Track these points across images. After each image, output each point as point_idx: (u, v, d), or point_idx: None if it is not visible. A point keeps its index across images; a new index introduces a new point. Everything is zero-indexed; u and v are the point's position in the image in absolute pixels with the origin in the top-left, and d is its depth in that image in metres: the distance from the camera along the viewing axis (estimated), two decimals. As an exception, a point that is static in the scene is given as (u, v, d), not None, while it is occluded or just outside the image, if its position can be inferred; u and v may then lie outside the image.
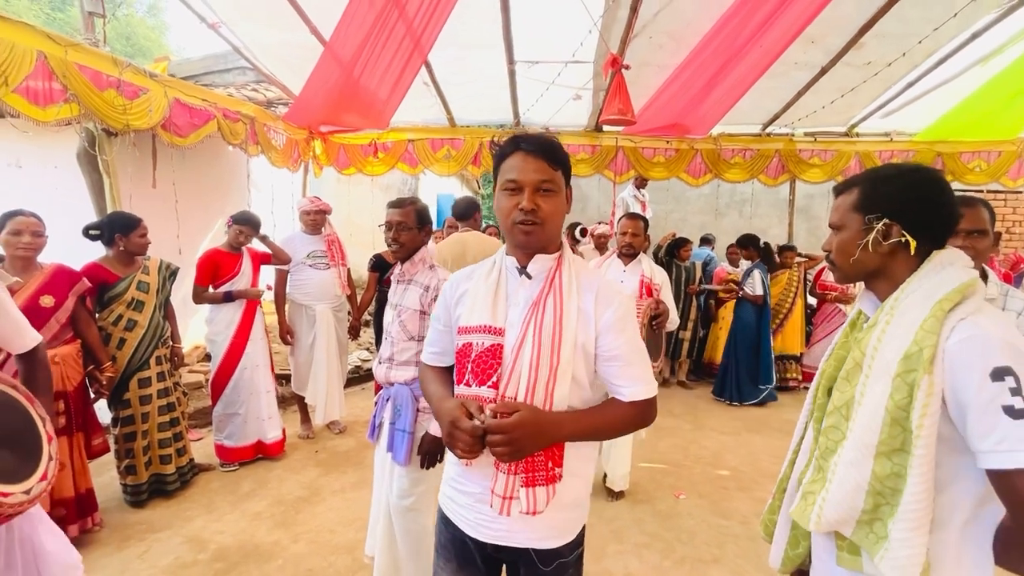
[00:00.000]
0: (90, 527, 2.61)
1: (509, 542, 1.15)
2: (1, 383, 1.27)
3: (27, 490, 1.19)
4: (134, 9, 15.63)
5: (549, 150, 1.13)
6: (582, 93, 4.77)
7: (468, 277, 1.27)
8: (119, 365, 2.79)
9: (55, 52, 2.69)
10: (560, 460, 1.12)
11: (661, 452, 3.80)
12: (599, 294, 1.15)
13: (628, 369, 1.14)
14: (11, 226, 2.36)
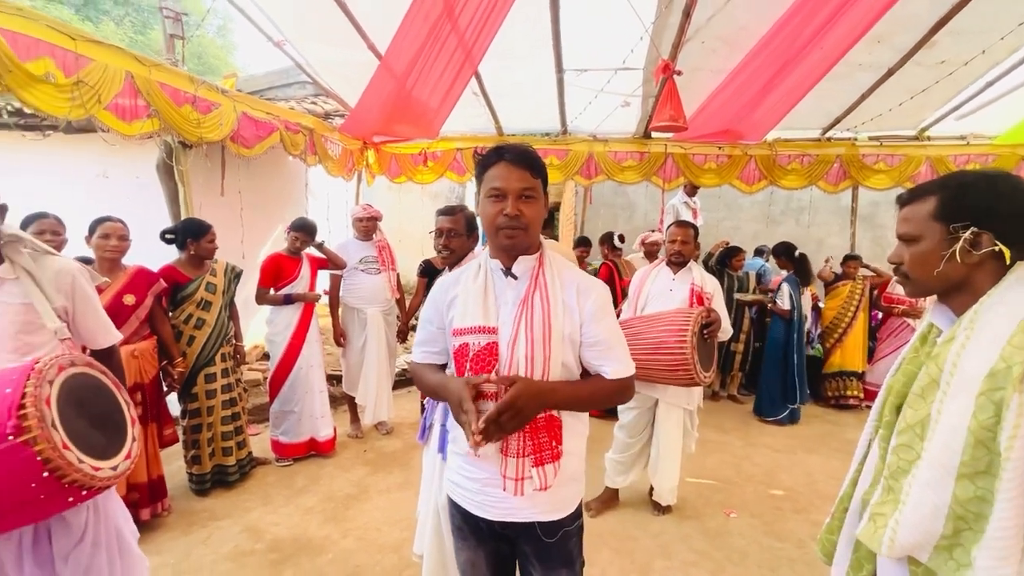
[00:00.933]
0: (160, 512, 2.80)
1: (516, 518, 1.28)
2: (95, 369, 1.40)
3: (114, 467, 1.30)
4: (205, 30, 16.79)
5: (530, 160, 1.24)
6: (631, 100, 4.73)
7: (456, 282, 1.36)
8: (188, 361, 2.99)
9: (141, 72, 2.93)
10: (560, 438, 1.25)
11: (710, 468, 3.67)
12: (579, 288, 1.27)
13: (610, 352, 1.27)
14: (100, 231, 2.59)
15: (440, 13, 3.44)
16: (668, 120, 3.45)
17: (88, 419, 1.30)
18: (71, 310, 1.56)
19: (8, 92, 2.30)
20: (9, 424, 1.11)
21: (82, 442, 1.23)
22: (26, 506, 1.19)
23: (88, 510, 1.51)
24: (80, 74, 2.57)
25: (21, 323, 1.44)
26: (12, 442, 1.11)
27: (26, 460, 1.12)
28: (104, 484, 1.26)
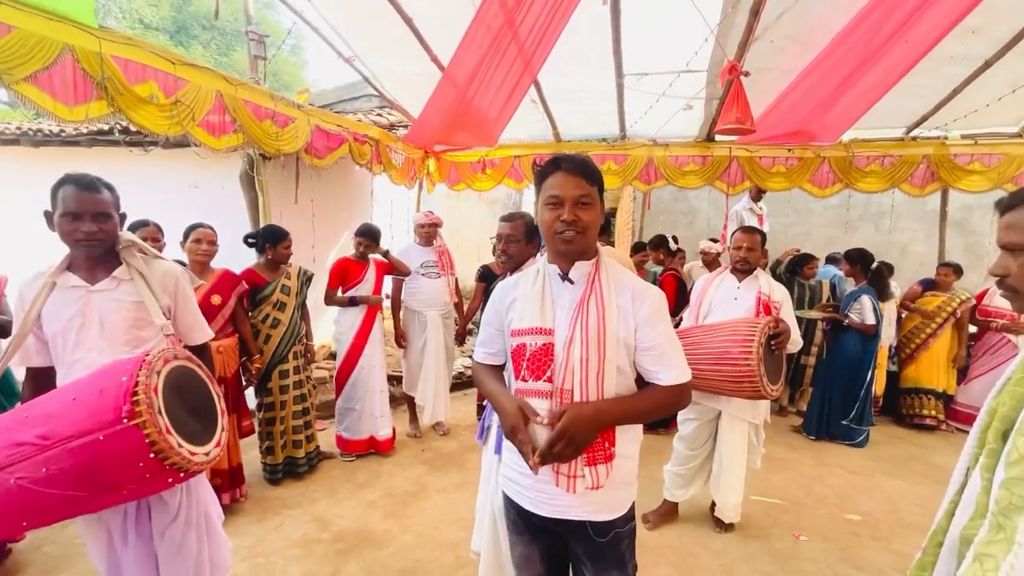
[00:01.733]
0: (238, 497, 3.01)
1: (568, 515, 1.31)
2: (192, 363, 1.54)
3: (207, 452, 1.42)
4: (281, 49, 18.01)
5: (586, 168, 1.28)
6: (694, 103, 4.61)
7: (515, 285, 1.42)
8: (265, 357, 3.20)
9: (228, 91, 3.19)
10: (613, 440, 1.28)
11: (777, 486, 3.48)
12: (634, 293, 1.30)
13: (664, 358, 1.28)
14: (193, 236, 2.84)
15: (501, 24, 3.52)
16: (734, 123, 3.33)
17: (186, 408, 1.43)
18: (174, 308, 1.72)
19: (119, 112, 2.58)
20: (124, 408, 1.25)
21: (181, 428, 1.36)
22: (134, 483, 1.33)
23: (182, 492, 1.66)
24: (178, 94, 2.84)
25: (133, 319, 1.62)
26: (126, 424, 1.25)
27: (136, 441, 1.26)
28: (198, 468, 1.39)
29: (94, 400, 1.29)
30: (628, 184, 5.51)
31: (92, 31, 2.42)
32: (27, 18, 2.20)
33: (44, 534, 2.69)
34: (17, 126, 4.97)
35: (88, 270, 1.62)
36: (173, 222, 3.12)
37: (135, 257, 1.67)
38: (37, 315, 1.56)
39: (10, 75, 2.16)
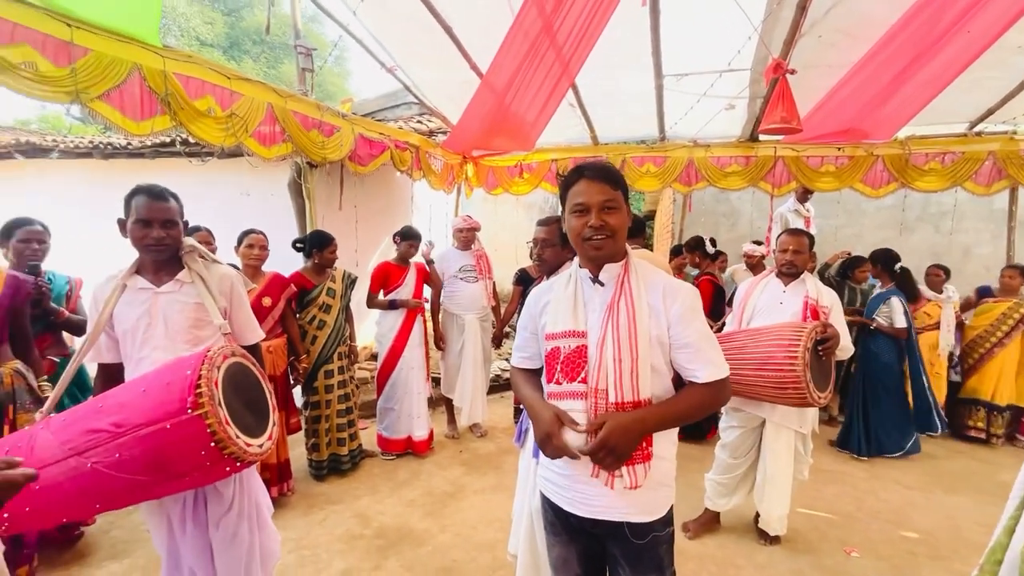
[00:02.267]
0: (286, 491, 3.14)
1: (606, 516, 1.31)
2: (248, 360, 1.63)
3: (260, 445, 1.51)
4: (325, 62, 18.74)
5: (608, 174, 1.31)
6: (736, 102, 4.50)
7: (548, 290, 1.45)
8: (311, 357, 3.33)
9: (278, 103, 3.35)
10: (651, 440, 1.27)
11: (827, 499, 3.33)
12: (665, 291, 1.30)
13: (699, 354, 1.28)
14: (246, 241, 3.00)
15: (539, 29, 3.54)
16: (779, 122, 3.23)
17: (242, 401, 1.52)
18: (229, 310, 1.83)
19: (180, 126, 2.75)
20: (189, 400, 1.35)
21: (238, 420, 1.44)
22: (195, 471, 1.42)
23: (235, 484, 1.75)
24: (233, 107, 3.01)
25: (194, 319, 1.73)
26: (190, 415, 1.34)
27: (199, 431, 1.35)
28: (252, 458, 1.47)
29: (162, 392, 1.39)
30: (667, 186, 5.42)
31: (157, 50, 2.60)
32: (101, 41, 2.38)
33: (112, 519, 2.88)
34: (90, 140, 5.36)
35: (154, 273, 1.74)
36: (227, 228, 3.30)
37: (196, 261, 1.79)
38: (109, 315, 1.69)
39: (86, 94, 2.34)
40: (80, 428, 1.40)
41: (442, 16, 3.72)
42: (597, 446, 1.18)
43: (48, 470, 1.36)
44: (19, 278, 2.17)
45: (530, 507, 2.03)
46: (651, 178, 5.28)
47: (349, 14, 3.77)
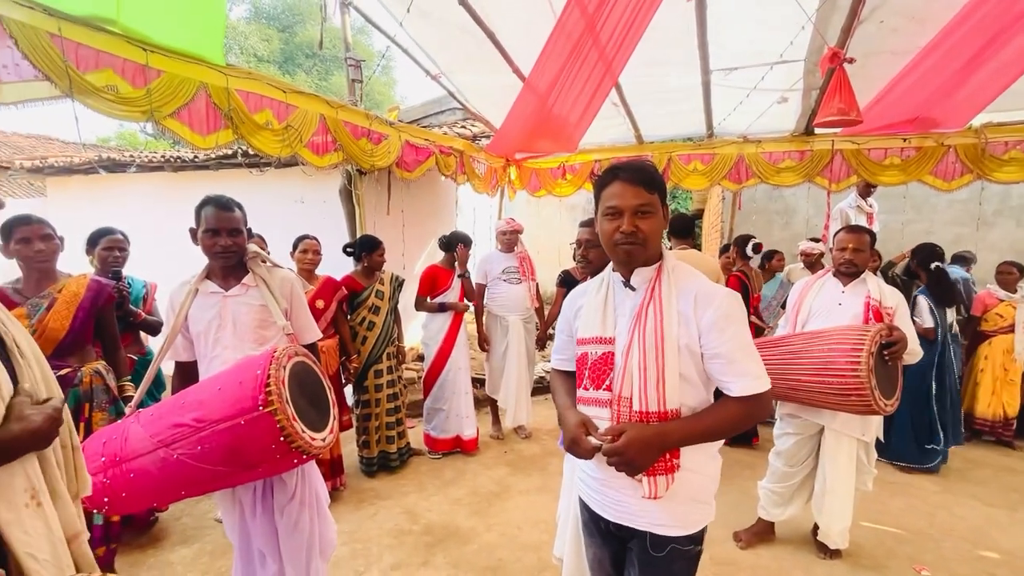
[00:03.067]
0: (339, 486, 3.27)
1: (630, 523, 1.29)
2: (309, 359, 1.73)
3: (323, 438, 1.59)
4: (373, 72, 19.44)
5: (646, 176, 1.24)
6: (789, 95, 4.31)
7: (583, 293, 1.43)
8: (362, 357, 3.45)
9: (330, 113, 3.49)
10: (677, 452, 1.22)
11: (894, 513, 3.13)
12: (698, 297, 1.23)
13: (733, 366, 1.19)
14: (301, 246, 3.15)
15: (582, 30, 3.53)
16: (837, 114, 3.07)
17: (305, 398, 1.61)
18: (290, 311, 1.93)
19: (241, 139, 2.92)
20: (259, 397, 1.44)
21: (303, 416, 1.53)
22: (266, 462, 1.52)
23: (298, 475, 1.86)
24: (288, 119, 3.16)
25: (259, 320, 1.85)
26: (261, 412, 1.44)
27: (269, 426, 1.44)
28: (317, 451, 1.56)
29: (235, 390, 1.49)
30: (716, 184, 5.26)
31: (221, 69, 2.77)
32: (172, 63, 2.57)
33: (182, 508, 3.09)
34: (161, 154, 5.78)
35: (223, 278, 1.87)
36: (283, 234, 3.48)
37: (259, 266, 1.91)
38: (184, 317, 1.83)
39: (159, 112, 2.53)
40: (166, 422, 1.53)
41: (485, 22, 3.78)
42: (610, 452, 1.16)
43: (140, 459, 1.49)
44: (101, 282, 2.36)
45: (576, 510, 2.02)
46: (698, 176, 5.13)
47: (395, 24, 3.88)
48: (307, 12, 18.98)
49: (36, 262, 2.17)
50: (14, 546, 0.88)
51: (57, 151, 8.52)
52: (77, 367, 2.24)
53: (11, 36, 2.05)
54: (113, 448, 1.53)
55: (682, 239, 3.28)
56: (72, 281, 2.26)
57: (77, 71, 2.23)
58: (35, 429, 0.92)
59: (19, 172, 6.55)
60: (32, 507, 0.93)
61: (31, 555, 0.89)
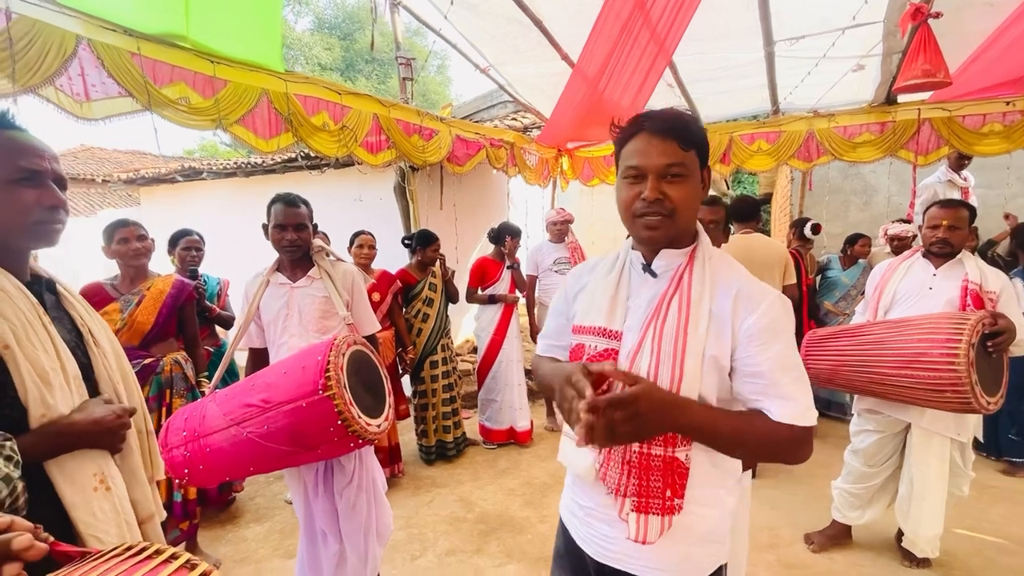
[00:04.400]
0: (396, 473, 3.38)
1: (621, 566, 1.02)
2: (367, 348, 1.80)
3: (378, 424, 1.65)
4: (428, 71, 19.79)
5: (680, 128, 0.95)
6: (866, 61, 3.94)
7: (591, 269, 1.15)
8: (417, 349, 3.54)
9: (383, 112, 3.59)
10: (681, 490, 0.96)
11: (995, 521, 2.80)
12: (740, 295, 0.95)
13: (774, 388, 0.92)
14: (357, 241, 3.28)
15: (632, 9, 3.40)
16: (921, 76, 2.76)
17: (362, 385, 1.68)
18: (351, 303, 2.02)
19: (300, 141, 3.07)
20: (319, 382, 1.52)
21: (359, 402, 1.60)
22: (325, 444, 1.59)
23: (356, 460, 1.94)
24: (344, 120, 3.28)
25: (322, 311, 1.96)
26: (320, 395, 1.51)
27: (328, 410, 1.51)
28: (372, 436, 1.62)
29: (299, 375, 1.58)
30: (782, 164, 4.92)
31: (280, 75, 2.92)
32: (237, 72, 2.73)
33: (256, 489, 3.32)
34: (234, 161, 6.21)
35: (291, 270, 2.00)
36: (342, 231, 3.62)
37: (324, 260, 2.03)
38: (257, 307, 1.98)
39: (226, 119, 2.70)
40: (238, 403, 1.64)
41: (531, 9, 3.73)
42: (620, 399, 0.83)
43: (215, 436, 1.61)
44: (184, 282, 2.58)
45: None
46: (763, 156, 4.82)
47: (443, 20, 3.92)
48: (365, 19, 19.65)
49: (132, 260, 2.42)
50: (80, 528, 0.93)
51: (149, 164, 9.38)
52: (160, 357, 2.46)
53: (98, 57, 2.26)
54: (193, 424, 1.67)
55: (745, 223, 3.10)
56: (159, 280, 2.49)
57: (154, 85, 2.43)
58: (95, 417, 0.99)
59: (117, 184, 7.27)
60: (101, 491, 1.00)
61: (97, 537, 0.95)
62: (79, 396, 1.01)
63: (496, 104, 6.91)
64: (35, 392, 0.93)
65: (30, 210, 0.97)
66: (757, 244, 3.03)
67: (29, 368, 0.93)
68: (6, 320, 0.93)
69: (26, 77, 2.06)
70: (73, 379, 1.00)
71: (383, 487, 2.11)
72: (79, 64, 2.22)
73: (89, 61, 2.24)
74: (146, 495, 1.14)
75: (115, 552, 0.79)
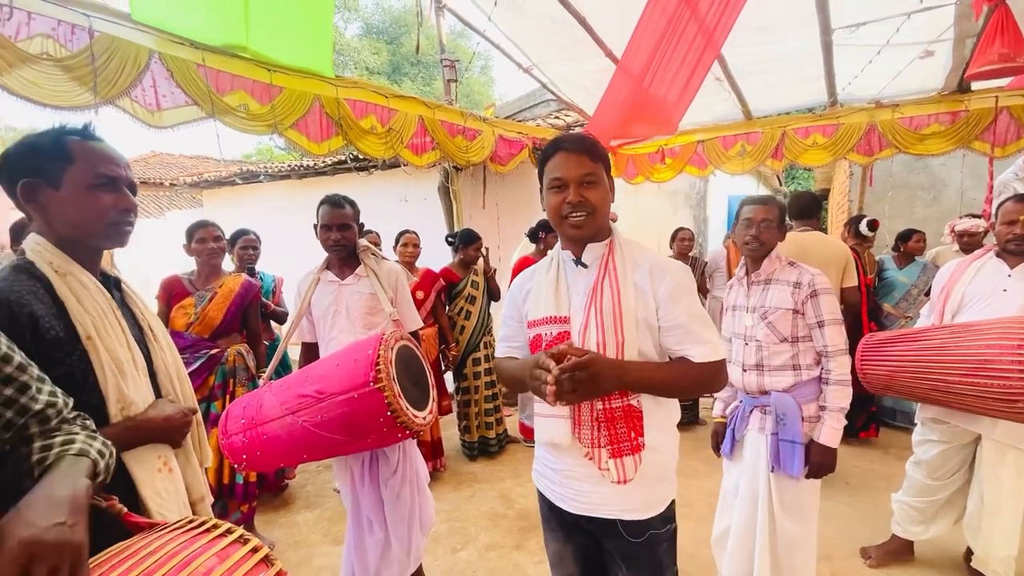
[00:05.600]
0: (439, 467, 3.45)
1: (597, 513, 1.25)
2: (412, 344, 1.85)
3: (423, 417, 1.71)
4: (472, 72, 20.02)
5: (588, 146, 1.23)
6: (935, 47, 3.69)
7: (531, 276, 1.39)
8: (460, 346, 3.60)
9: (427, 114, 3.67)
10: (641, 429, 1.21)
11: (1080, 544, 2.56)
12: (652, 269, 1.22)
13: (692, 335, 1.19)
14: (402, 240, 3.37)
15: (679, 2, 3.32)
16: (998, 61, 2.55)
17: (409, 379, 1.73)
18: (395, 300, 2.09)
19: (350, 144, 3.18)
20: (370, 375, 1.58)
21: (407, 394, 1.65)
22: (374, 434, 1.66)
23: (400, 451, 2.01)
24: (391, 123, 3.38)
25: (368, 307, 2.04)
26: (371, 388, 1.57)
27: (378, 402, 1.57)
28: (419, 428, 1.67)
29: (350, 367, 1.65)
30: (841, 158, 4.67)
31: (331, 81, 3.04)
32: (291, 79, 2.87)
33: (307, 477, 3.47)
34: (288, 164, 6.50)
35: (339, 268, 2.09)
36: (389, 230, 3.73)
37: (369, 258, 2.10)
38: (308, 303, 2.08)
39: (282, 124, 2.85)
40: (293, 392, 1.73)
41: (574, 6, 3.71)
42: (579, 364, 1.06)
43: (271, 424, 1.71)
44: (251, 282, 2.75)
45: (760, 518, 1.91)
46: (819, 151, 4.59)
47: (486, 20, 3.96)
48: (411, 23, 20.09)
49: (208, 259, 2.61)
50: (147, 504, 1.03)
51: (211, 168, 9.97)
52: (224, 348, 2.63)
53: (168, 69, 2.43)
54: (251, 413, 1.76)
55: (804, 220, 2.97)
56: (229, 279, 2.68)
57: (217, 94, 2.59)
58: (167, 415, 1.10)
59: (183, 187, 7.77)
60: (164, 472, 1.10)
61: (161, 513, 1.04)
62: (145, 386, 1.10)
63: (539, 103, 6.91)
64: (113, 380, 1.02)
65: (106, 213, 1.06)
66: (813, 242, 2.90)
67: (108, 358, 1.02)
68: (88, 314, 1.02)
69: (106, 90, 2.24)
70: (141, 370, 1.10)
71: (426, 479, 2.17)
72: (151, 76, 2.39)
73: (160, 73, 2.42)
74: (197, 479, 1.23)
75: (178, 524, 0.87)
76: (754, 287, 1.96)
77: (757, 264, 1.96)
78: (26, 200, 1.04)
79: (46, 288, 1.01)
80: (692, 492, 3.05)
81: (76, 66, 2.15)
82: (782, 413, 1.84)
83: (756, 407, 1.93)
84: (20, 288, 0.98)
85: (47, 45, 2.08)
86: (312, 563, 2.58)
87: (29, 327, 0.96)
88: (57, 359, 0.98)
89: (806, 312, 1.84)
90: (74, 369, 0.99)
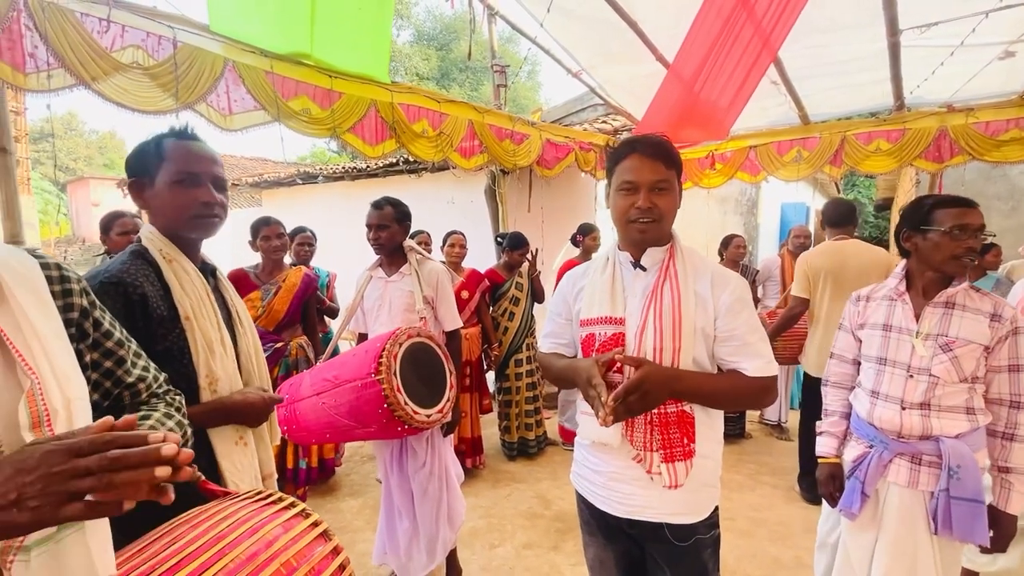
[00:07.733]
0: (478, 464, 3.51)
1: (643, 517, 1.23)
2: (432, 342, 1.91)
3: (428, 415, 1.75)
4: (520, 77, 20.21)
5: (664, 152, 1.20)
6: (1016, 47, 3.45)
7: (584, 274, 1.37)
8: (503, 347, 3.65)
9: (477, 118, 3.75)
10: (693, 436, 1.21)
11: None
12: (714, 279, 1.22)
13: (746, 347, 1.19)
14: (449, 241, 3.45)
15: (734, 3, 3.26)
16: (1089, 62, 2.37)
17: (418, 376, 1.79)
18: (434, 299, 2.16)
19: (403, 147, 3.30)
20: (372, 366, 1.66)
21: (410, 390, 1.71)
22: (375, 424, 1.72)
23: (427, 446, 2.08)
24: (441, 127, 3.48)
25: (407, 304, 2.13)
26: (372, 379, 1.65)
27: (377, 393, 1.64)
28: (419, 424, 1.71)
29: (361, 358, 1.74)
30: (907, 165, 4.42)
31: (387, 86, 3.16)
32: (350, 85, 3.01)
33: (351, 467, 3.61)
34: (342, 166, 6.78)
35: (387, 266, 2.20)
36: (437, 231, 3.83)
37: (413, 257, 2.17)
38: (361, 297, 2.22)
39: (340, 128, 2.98)
40: (320, 376, 1.84)
41: (626, 11, 3.70)
42: (631, 385, 1.07)
43: (303, 402, 1.83)
44: (310, 276, 2.91)
45: None
46: (882, 157, 4.37)
47: (538, 28, 4.01)
48: (461, 29, 20.50)
49: (272, 254, 2.80)
50: (225, 475, 1.14)
51: (270, 169, 10.50)
52: (287, 341, 2.80)
53: (239, 76, 2.61)
54: (292, 391, 1.90)
55: (841, 227, 2.88)
56: (291, 273, 2.84)
57: (282, 99, 2.75)
58: (250, 401, 1.20)
59: (244, 187, 8.23)
60: (240, 446, 1.20)
61: (235, 483, 1.14)
62: (231, 364, 1.21)
63: (587, 107, 6.91)
64: (204, 356, 1.13)
65: (189, 206, 1.16)
66: (851, 251, 2.81)
67: (201, 337, 1.13)
68: (188, 297, 1.14)
69: (186, 95, 2.43)
70: (228, 349, 1.20)
71: (458, 477, 2.23)
72: (225, 83, 2.57)
73: (232, 79, 2.59)
74: (269, 456, 1.33)
75: (249, 495, 0.95)
76: (930, 309, 1.57)
77: (944, 284, 1.57)
78: (135, 195, 1.17)
79: (156, 272, 1.13)
80: (735, 505, 2.97)
81: (161, 74, 2.34)
82: (956, 465, 1.47)
83: (903, 455, 1.57)
84: (136, 271, 1.10)
85: (137, 55, 2.28)
86: (355, 548, 2.68)
87: (140, 305, 1.08)
88: (161, 335, 1.10)
89: (998, 351, 1.51)
90: (173, 345, 1.11)
